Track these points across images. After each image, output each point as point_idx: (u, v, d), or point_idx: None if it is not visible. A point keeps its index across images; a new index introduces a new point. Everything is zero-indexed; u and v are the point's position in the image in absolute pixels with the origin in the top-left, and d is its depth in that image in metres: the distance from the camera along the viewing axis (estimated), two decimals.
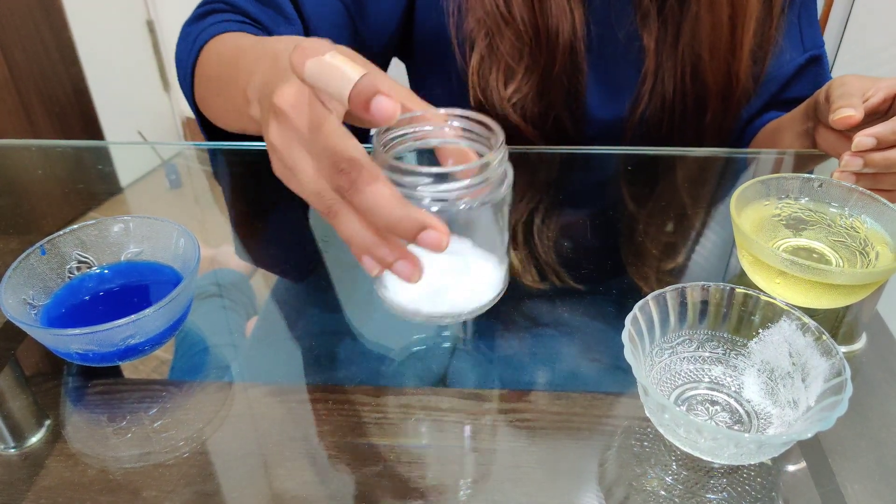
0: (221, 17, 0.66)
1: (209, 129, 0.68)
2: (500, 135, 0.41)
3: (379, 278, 0.45)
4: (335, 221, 0.38)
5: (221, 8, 0.68)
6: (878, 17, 1.57)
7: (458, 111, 0.43)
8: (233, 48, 0.59)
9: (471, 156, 0.43)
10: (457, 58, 0.70)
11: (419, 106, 0.43)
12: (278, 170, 0.40)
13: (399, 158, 0.42)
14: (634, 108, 0.73)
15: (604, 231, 0.61)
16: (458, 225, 0.41)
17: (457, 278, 0.45)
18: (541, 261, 0.57)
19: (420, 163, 0.43)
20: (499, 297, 0.46)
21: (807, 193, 0.55)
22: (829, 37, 1.63)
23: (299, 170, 0.38)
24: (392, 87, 0.42)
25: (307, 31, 0.68)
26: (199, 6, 0.70)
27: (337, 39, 0.69)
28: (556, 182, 0.69)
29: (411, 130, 0.43)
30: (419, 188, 0.39)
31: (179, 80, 0.68)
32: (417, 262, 0.38)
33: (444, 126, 0.43)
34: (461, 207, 0.39)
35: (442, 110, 0.43)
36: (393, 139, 0.42)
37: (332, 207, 0.37)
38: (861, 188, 0.53)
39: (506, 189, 0.41)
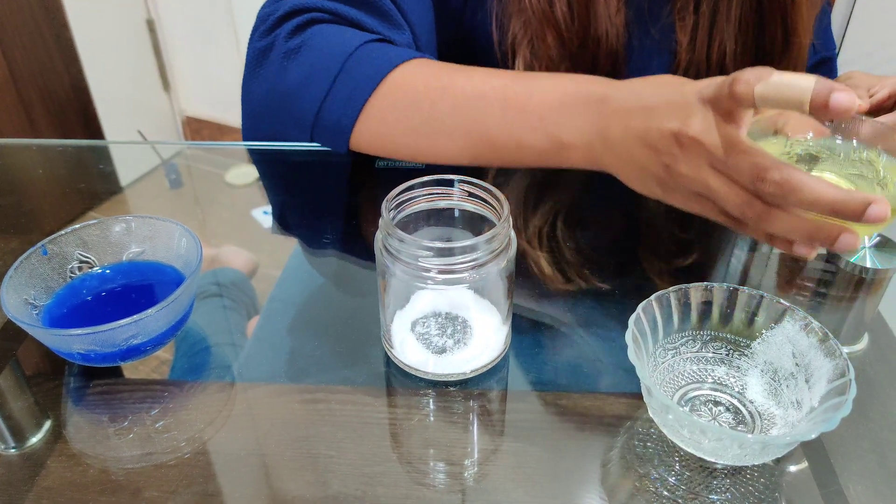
0: (364, 38, 0.59)
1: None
2: (506, 206, 0.43)
3: (387, 337, 0.47)
4: (766, 223, 0.42)
5: (323, 18, 0.61)
6: (880, 16, 1.57)
7: (468, 179, 0.45)
8: (476, 91, 0.55)
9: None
10: (498, 62, 0.70)
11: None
12: (682, 200, 0.47)
13: (408, 220, 0.45)
14: None
15: (607, 231, 0.61)
16: (462, 290, 0.43)
17: (460, 341, 0.46)
18: (544, 261, 0.57)
19: (428, 223, 0.46)
20: (500, 358, 0.47)
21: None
22: None
23: (715, 190, 0.43)
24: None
25: (414, 37, 0.65)
26: (288, 14, 0.60)
27: (433, 39, 0.69)
28: (559, 182, 0.69)
29: (420, 194, 0.45)
30: (426, 260, 0.41)
31: (309, 100, 0.59)
32: (855, 232, 0.40)
33: (452, 190, 0.46)
34: (467, 279, 0.41)
35: (452, 177, 0.46)
36: (402, 202, 0.45)
37: (762, 213, 0.42)
38: (872, 119, 0.51)
39: (510, 258, 0.43)
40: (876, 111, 0.58)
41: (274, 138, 0.63)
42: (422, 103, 0.57)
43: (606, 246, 0.60)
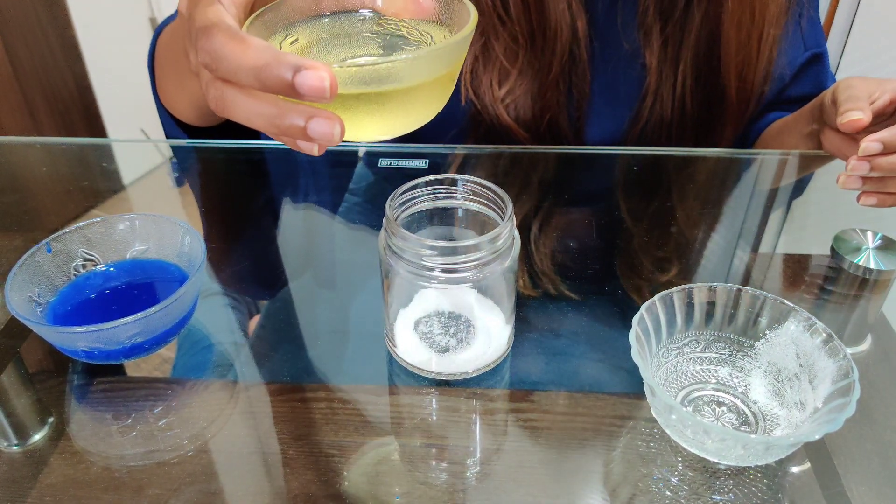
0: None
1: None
2: (510, 205, 0.43)
3: (390, 336, 0.47)
4: (226, 109, 0.33)
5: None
6: (884, 17, 1.57)
7: (472, 178, 0.45)
8: (171, 26, 0.61)
9: None
10: None
11: None
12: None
13: (411, 219, 0.45)
14: (634, 124, 0.73)
15: (610, 232, 0.61)
16: (465, 289, 0.43)
17: (463, 340, 0.46)
18: (547, 261, 0.57)
19: (432, 222, 0.47)
20: (503, 358, 0.47)
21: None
22: (835, 37, 1.63)
23: (193, 66, 0.35)
24: None
25: None
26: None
27: None
28: (562, 182, 0.69)
29: (424, 193, 0.45)
30: (429, 259, 0.41)
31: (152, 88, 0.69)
32: (332, 115, 0.31)
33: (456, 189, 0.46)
34: (470, 278, 0.41)
35: (456, 176, 0.45)
36: (406, 201, 0.45)
37: (213, 93, 0.33)
38: None
39: (513, 257, 0.43)
40: (878, 118, 0.58)
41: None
42: (159, 62, 0.65)
43: (610, 245, 0.60)
